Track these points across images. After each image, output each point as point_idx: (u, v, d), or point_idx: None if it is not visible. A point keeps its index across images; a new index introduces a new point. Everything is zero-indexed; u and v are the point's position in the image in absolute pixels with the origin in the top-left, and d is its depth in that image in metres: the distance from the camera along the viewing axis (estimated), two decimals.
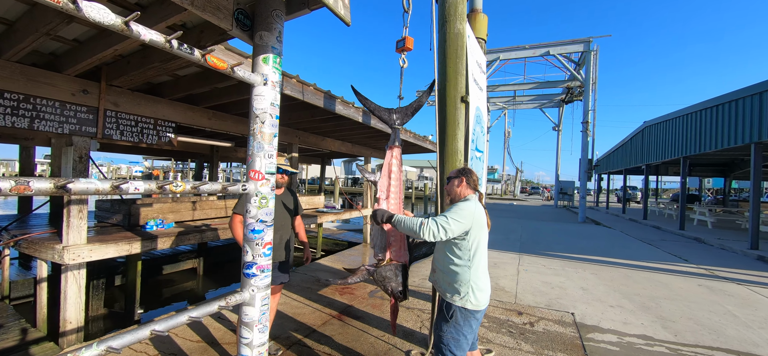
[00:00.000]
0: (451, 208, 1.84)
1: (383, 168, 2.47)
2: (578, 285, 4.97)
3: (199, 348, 2.86)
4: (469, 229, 1.80)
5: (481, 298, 1.82)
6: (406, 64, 2.64)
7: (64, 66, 2.98)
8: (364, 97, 2.51)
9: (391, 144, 2.48)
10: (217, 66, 1.45)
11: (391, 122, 2.55)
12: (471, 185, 1.94)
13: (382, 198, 2.39)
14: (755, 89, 7.95)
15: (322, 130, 6.31)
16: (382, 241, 2.33)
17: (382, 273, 2.29)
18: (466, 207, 1.81)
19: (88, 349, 1.23)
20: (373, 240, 2.36)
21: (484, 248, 1.88)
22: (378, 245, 2.34)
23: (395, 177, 2.44)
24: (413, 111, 2.62)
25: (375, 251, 2.37)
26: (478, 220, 1.82)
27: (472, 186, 1.94)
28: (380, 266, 2.30)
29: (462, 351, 1.83)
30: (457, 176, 1.97)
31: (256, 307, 1.73)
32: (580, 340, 3.19)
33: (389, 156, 2.46)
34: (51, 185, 1.09)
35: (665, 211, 16.29)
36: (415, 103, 2.64)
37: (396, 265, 2.31)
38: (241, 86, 3.62)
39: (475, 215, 1.81)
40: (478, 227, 1.83)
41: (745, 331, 3.53)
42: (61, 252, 3.16)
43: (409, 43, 2.74)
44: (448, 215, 1.78)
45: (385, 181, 2.42)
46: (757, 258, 7.32)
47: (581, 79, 15.60)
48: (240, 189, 1.62)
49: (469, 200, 1.88)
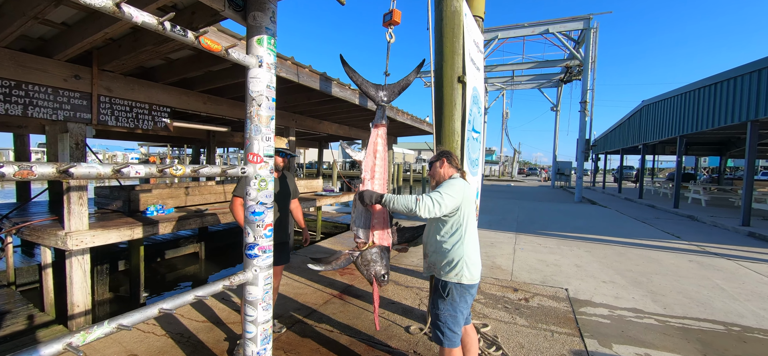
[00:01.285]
0: (442, 185, 1.89)
1: (368, 147, 2.38)
2: (573, 262, 5.10)
3: (204, 328, 2.95)
4: (459, 205, 1.85)
5: (474, 272, 1.89)
6: (393, 39, 2.59)
7: (54, 51, 2.93)
8: (352, 69, 2.41)
9: (376, 122, 2.39)
10: (211, 48, 1.44)
11: (377, 99, 2.45)
12: (453, 164, 1.99)
13: (366, 178, 2.33)
14: (753, 66, 7.90)
15: (318, 113, 6.27)
16: (367, 223, 2.26)
17: (366, 257, 2.23)
18: (455, 183, 1.86)
19: (100, 327, 1.28)
20: (356, 223, 2.27)
21: (474, 223, 1.94)
22: (362, 227, 2.26)
23: (380, 157, 2.37)
24: (401, 89, 2.54)
25: (357, 234, 2.28)
26: (467, 196, 1.88)
27: (454, 165, 2.00)
28: (364, 249, 2.24)
29: (459, 327, 1.90)
30: (437, 159, 2.00)
31: (259, 286, 1.78)
32: (572, 314, 3.31)
33: (374, 135, 2.39)
34: (54, 169, 1.11)
35: (660, 190, 16.49)
36: (403, 81, 2.56)
37: (380, 247, 2.26)
38: (235, 70, 3.57)
39: (464, 190, 1.87)
40: (468, 203, 1.89)
41: (731, 303, 3.67)
42: (64, 238, 3.21)
43: (397, 16, 2.64)
44: (441, 191, 1.82)
45: (370, 160, 2.34)
46: (747, 234, 7.49)
47: (580, 58, 15.40)
48: (239, 172, 1.64)
49: (455, 177, 1.93)
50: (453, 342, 1.88)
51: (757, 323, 3.21)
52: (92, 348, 2.61)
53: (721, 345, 2.81)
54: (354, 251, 2.29)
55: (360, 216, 2.28)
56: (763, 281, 4.43)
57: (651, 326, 3.12)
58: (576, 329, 3.01)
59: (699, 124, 10.19)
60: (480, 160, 3.25)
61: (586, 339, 2.83)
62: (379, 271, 2.24)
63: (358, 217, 2.28)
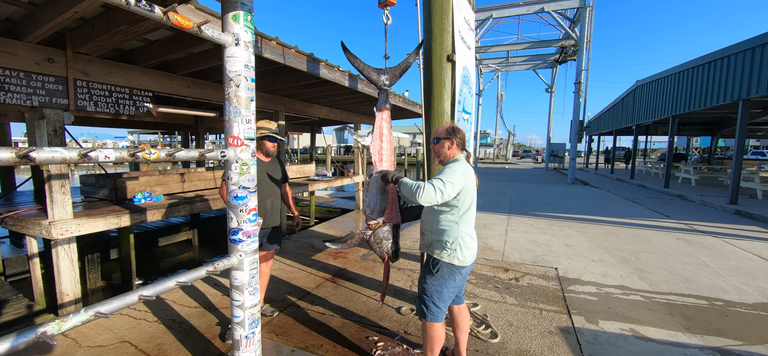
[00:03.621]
0: (443, 171, 1.86)
1: (374, 131, 2.47)
2: (563, 242, 5.17)
3: (197, 313, 2.95)
4: (461, 190, 1.84)
5: (467, 255, 1.88)
6: (390, 21, 2.51)
7: (23, 33, 2.78)
8: (353, 55, 2.43)
9: (380, 106, 2.46)
10: (181, 25, 1.36)
11: (379, 84, 2.49)
12: (459, 144, 1.97)
13: (376, 161, 2.42)
14: (747, 44, 7.86)
15: (308, 96, 6.14)
16: (381, 204, 2.36)
17: (378, 236, 2.36)
18: (458, 168, 1.84)
19: (76, 315, 1.26)
20: (370, 203, 2.37)
21: (473, 207, 1.93)
22: (375, 208, 2.37)
23: (386, 140, 2.45)
24: (401, 72, 2.57)
25: (369, 215, 2.39)
26: (468, 182, 1.87)
27: (460, 145, 1.97)
28: (375, 229, 2.36)
29: (444, 303, 1.91)
30: (446, 137, 1.96)
31: (244, 271, 1.76)
32: (561, 292, 3.37)
33: (379, 119, 2.46)
34: (12, 154, 1.05)
35: (652, 170, 16.70)
36: (404, 63, 2.57)
37: (390, 226, 2.39)
38: (217, 51, 3.44)
39: (466, 175, 1.85)
40: (469, 187, 1.88)
41: (715, 279, 3.77)
42: (48, 228, 3.14)
43: None
44: (443, 178, 1.79)
45: (377, 144, 2.44)
46: (734, 212, 7.65)
47: (576, 37, 15.21)
48: (218, 156, 1.59)
49: (459, 160, 1.91)
50: (436, 317, 1.90)
51: (740, 297, 3.30)
52: (84, 336, 2.60)
53: (704, 318, 2.89)
54: (366, 231, 2.39)
55: (375, 196, 2.35)
56: (747, 257, 4.54)
57: (637, 302, 3.19)
58: (564, 307, 3.06)
59: (692, 103, 10.21)
60: (470, 142, 3.21)
61: (574, 316, 2.89)
62: (390, 248, 2.37)
63: (372, 198, 2.36)
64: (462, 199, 1.86)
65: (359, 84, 4.96)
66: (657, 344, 2.51)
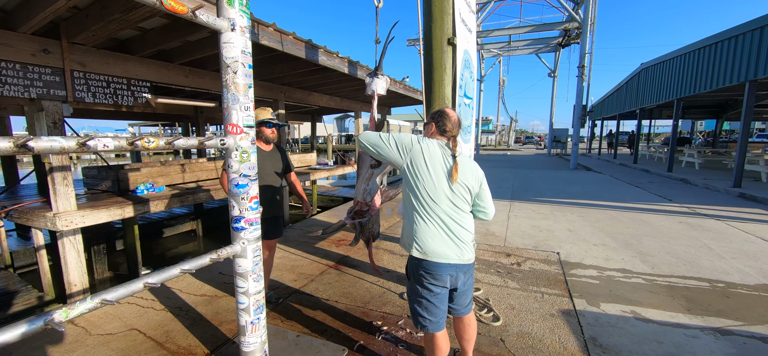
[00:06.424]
0: None
1: (371, 113, 2.54)
2: (565, 227, 5.17)
3: (203, 301, 3.00)
4: (405, 163, 1.65)
5: (431, 246, 1.62)
6: (381, 4, 2.46)
7: (17, 23, 2.74)
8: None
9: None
10: (176, 10, 1.33)
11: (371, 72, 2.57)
12: (440, 129, 1.72)
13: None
14: (754, 24, 7.66)
15: (307, 84, 6.07)
16: (374, 189, 2.40)
17: (371, 221, 2.42)
18: (413, 137, 1.69)
19: (83, 303, 1.27)
20: (369, 191, 2.42)
21: (433, 196, 1.62)
22: (370, 192, 2.41)
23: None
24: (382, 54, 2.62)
25: (361, 199, 2.44)
26: (422, 158, 1.62)
27: (441, 131, 1.72)
28: (367, 215, 2.41)
29: (429, 314, 1.67)
30: (429, 121, 1.83)
31: (248, 258, 1.77)
32: (563, 276, 3.39)
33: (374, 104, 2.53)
34: (11, 144, 1.04)
35: (655, 155, 16.57)
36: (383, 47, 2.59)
37: (377, 212, 2.49)
38: (214, 39, 3.39)
39: (420, 148, 1.63)
40: (422, 167, 1.61)
41: (718, 261, 3.77)
42: (53, 220, 3.17)
43: None
44: (390, 134, 1.73)
45: (371, 126, 2.55)
46: (738, 195, 7.61)
47: (579, 19, 14.87)
48: (218, 144, 1.58)
49: (434, 142, 1.70)
50: (424, 327, 1.69)
51: (741, 279, 3.31)
52: (93, 324, 2.65)
53: (705, 300, 2.91)
54: (358, 219, 2.51)
55: (368, 182, 2.45)
56: (749, 239, 4.53)
57: (638, 285, 3.21)
58: (566, 290, 3.09)
59: (697, 86, 10.04)
60: (472, 127, 3.18)
61: (575, 299, 2.91)
62: (376, 230, 2.57)
63: (372, 185, 2.46)
64: (413, 177, 1.63)
65: (359, 70, 4.89)
66: (658, 325, 2.53)
